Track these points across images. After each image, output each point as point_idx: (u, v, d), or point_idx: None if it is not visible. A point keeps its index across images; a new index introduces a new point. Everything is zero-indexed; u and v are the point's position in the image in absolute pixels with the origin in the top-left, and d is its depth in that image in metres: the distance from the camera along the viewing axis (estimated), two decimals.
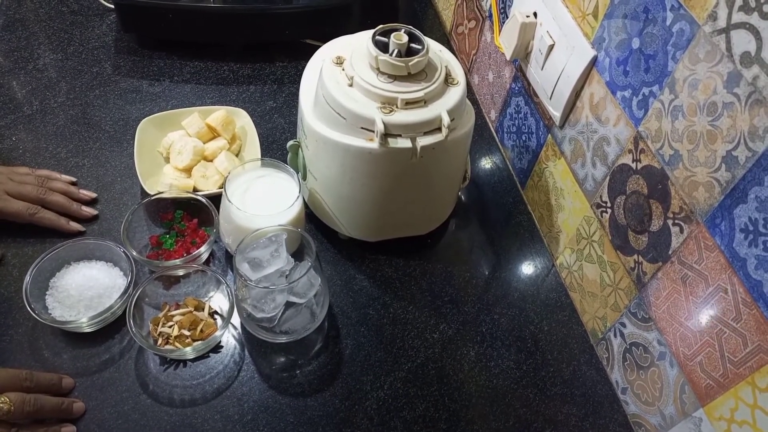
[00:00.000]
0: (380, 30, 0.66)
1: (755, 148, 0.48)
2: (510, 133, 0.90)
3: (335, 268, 0.78)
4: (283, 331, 0.66)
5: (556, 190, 0.79)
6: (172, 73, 0.97)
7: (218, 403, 0.65)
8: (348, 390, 0.68)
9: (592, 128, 0.69)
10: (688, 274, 0.58)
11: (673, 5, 0.55)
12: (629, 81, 0.62)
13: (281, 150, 0.87)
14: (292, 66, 1.01)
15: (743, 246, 0.51)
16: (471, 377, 0.71)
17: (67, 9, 1.04)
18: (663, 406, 0.63)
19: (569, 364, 0.73)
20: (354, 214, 0.75)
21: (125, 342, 0.68)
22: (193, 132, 0.82)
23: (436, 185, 0.75)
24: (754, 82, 0.48)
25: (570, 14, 0.69)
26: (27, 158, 0.82)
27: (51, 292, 0.68)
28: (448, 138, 0.66)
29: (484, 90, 0.97)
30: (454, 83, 0.68)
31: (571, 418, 0.69)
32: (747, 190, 0.50)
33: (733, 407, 0.54)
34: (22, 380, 0.59)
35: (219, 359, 0.68)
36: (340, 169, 0.69)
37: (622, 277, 0.68)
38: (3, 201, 0.72)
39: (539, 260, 0.83)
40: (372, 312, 0.74)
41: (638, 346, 0.66)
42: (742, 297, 0.51)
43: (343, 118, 0.65)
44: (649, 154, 0.61)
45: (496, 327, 0.75)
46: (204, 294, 0.72)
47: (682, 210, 0.57)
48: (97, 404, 0.63)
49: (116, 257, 0.71)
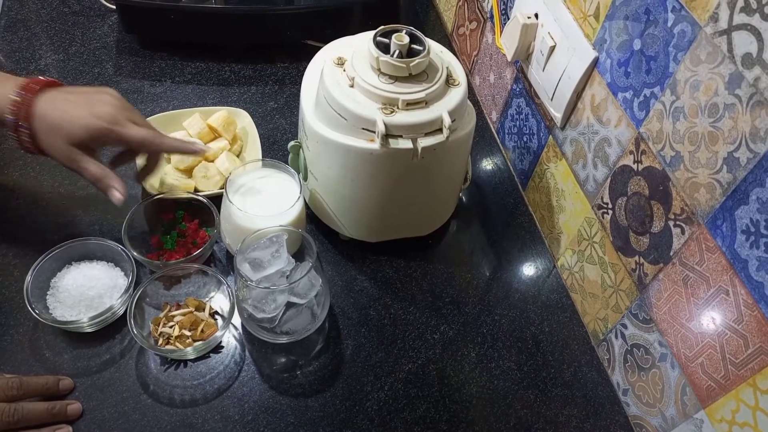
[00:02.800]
0: (381, 31, 0.66)
1: (756, 149, 0.48)
2: (511, 134, 0.90)
3: (336, 269, 0.78)
4: (284, 331, 0.66)
5: (557, 192, 0.79)
6: (174, 74, 0.97)
7: (219, 403, 0.65)
8: (349, 391, 0.68)
9: (593, 129, 0.69)
10: (689, 276, 0.58)
11: (674, 6, 0.55)
12: (630, 82, 0.62)
13: (282, 151, 0.87)
14: (293, 67, 1.01)
15: (744, 247, 0.51)
16: (472, 378, 0.70)
17: (68, 10, 1.04)
18: (664, 407, 0.63)
19: (570, 366, 0.73)
20: (355, 214, 0.75)
21: (126, 342, 0.68)
22: (194, 132, 0.82)
23: (437, 186, 0.75)
24: (755, 83, 0.48)
25: (571, 15, 0.69)
26: (28, 159, 0.82)
27: (52, 292, 0.68)
28: (449, 139, 0.66)
29: (486, 91, 0.97)
30: (455, 84, 0.68)
31: (572, 419, 0.69)
32: (748, 192, 0.49)
33: (734, 409, 0.54)
34: (7, 389, 0.58)
35: (220, 359, 0.68)
36: (341, 169, 0.69)
37: (624, 279, 0.67)
38: None
39: (540, 261, 0.83)
40: (373, 313, 0.74)
41: (639, 348, 0.66)
42: (744, 298, 0.51)
43: (344, 118, 0.65)
44: (650, 155, 0.61)
45: (497, 328, 0.75)
46: (205, 294, 0.72)
47: (684, 211, 0.57)
48: (98, 404, 0.63)
49: (117, 257, 0.71)
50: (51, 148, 0.64)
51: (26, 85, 0.64)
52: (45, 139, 0.64)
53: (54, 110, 0.63)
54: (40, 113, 0.63)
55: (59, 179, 0.80)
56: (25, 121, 0.63)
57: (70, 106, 0.64)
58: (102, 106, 0.65)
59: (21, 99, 0.63)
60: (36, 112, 0.63)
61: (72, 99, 0.65)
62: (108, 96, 0.66)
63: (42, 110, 0.63)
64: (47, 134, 0.64)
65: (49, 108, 0.63)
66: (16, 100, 0.63)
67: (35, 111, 0.63)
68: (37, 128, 0.63)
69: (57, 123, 0.63)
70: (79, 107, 0.64)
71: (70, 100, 0.64)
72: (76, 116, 0.63)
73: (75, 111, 0.63)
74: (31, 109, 0.63)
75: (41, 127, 0.63)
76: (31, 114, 0.63)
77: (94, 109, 0.64)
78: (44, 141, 0.64)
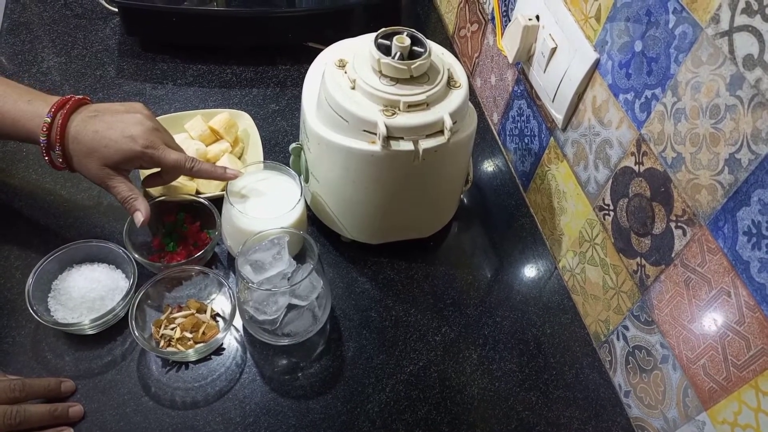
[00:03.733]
0: (383, 33, 0.66)
1: (758, 150, 0.48)
2: (512, 136, 0.90)
3: (337, 271, 0.78)
4: (285, 333, 0.66)
5: (559, 193, 0.79)
6: (176, 76, 0.97)
7: (220, 405, 0.65)
8: (350, 393, 0.68)
9: (594, 131, 0.69)
10: (691, 277, 0.57)
11: (675, 8, 0.55)
12: (632, 84, 0.62)
13: (284, 153, 0.87)
14: (295, 69, 1.01)
15: (746, 249, 0.50)
16: (473, 380, 0.70)
17: (70, 12, 1.04)
18: (666, 409, 0.63)
19: (572, 367, 0.73)
20: (356, 216, 0.75)
21: (127, 344, 0.68)
22: (196, 135, 0.82)
23: (438, 188, 0.75)
24: (756, 84, 0.48)
25: (572, 17, 0.69)
26: (30, 160, 0.82)
27: (53, 295, 0.68)
28: (451, 141, 0.66)
29: (487, 93, 0.97)
30: (456, 86, 0.68)
31: (574, 421, 0.69)
32: (750, 193, 0.49)
33: (736, 411, 0.54)
34: (9, 391, 0.58)
35: (221, 362, 0.68)
36: (342, 171, 0.70)
37: (625, 280, 0.67)
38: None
39: (541, 263, 0.82)
40: (374, 315, 0.74)
41: (641, 350, 0.66)
42: (746, 300, 0.51)
43: (346, 120, 0.65)
44: (651, 156, 0.61)
45: (499, 330, 0.75)
46: (206, 296, 0.72)
47: (685, 213, 0.57)
48: (99, 406, 0.63)
49: (119, 259, 0.71)
50: (84, 169, 0.65)
51: (59, 106, 0.64)
52: (78, 161, 0.65)
53: (87, 132, 0.63)
54: (73, 135, 0.63)
55: (61, 182, 0.81)
56: (58, 143, 0.63)
57: (104, 127, 0.64)
58: (136, 127, 0.65)
59: (53, 121, 0.63)
60: (69, 133, 0.63)
61: (106, 120, 0.64)
62: (140, 116, 0.66)
63: (75, 132, 0.63)
64: (81, 156, 0.64)
65: (81, 130, 0.63)
66: (48, 122, 0.63)
67: (68, 132, 0.63)
68: (71, 150, 0.64)
69: (91, 146, 0.63)
70: (112, 129, 0.64)
71: (104, 121, 0.64)
72: (111, 139, 0.63)
73: (109, 133, 0.64)
74: (64, 131, 0.63)
75: (75, 149, 0.64)
76: (64, 136, 0.63)
77: (128, 131, 0.64)
78: (77, 163, 0.65)
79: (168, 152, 0.67)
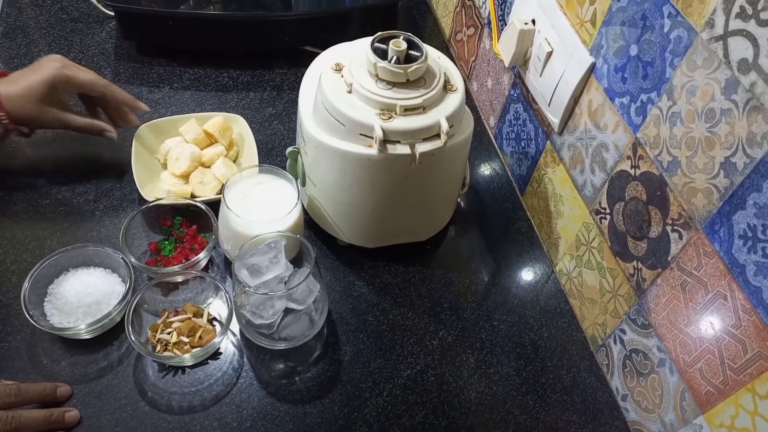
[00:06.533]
0: (379, 37, 0.67)
1: (753, 154, 0.48)
2: (509, 140, 0.90)
3: (334, 275, 0.78)
4: (282, 337, 0.66)
5: (555, 197, 0.79)
6: (172, 80, 0.97)
7: (217, 410, 0.65)
8: (347, 397, 0.68)
9: (590, 135, 0.70)
10: (687, 281, 0.58)
11: (670, 12, 0.55)
12: (627, 88, 0.62)
13: (280, 156, 0.87)
14: (292, 73, 1.01)
15: (742, 252, 0.51)
16: (470, 384, 0.70)
17: (67, 16, 1.04)
18: (663, 413, 0.63)
19: (569, 371, 0.73)
20: (353, 220, 0.75)
21: (123, 349, 0.68)
22: (191, 138, 0.82)
23: (435, 191, 0.75)
24: (751, 88, 0.48)
25: (568, 21, 0.69)
26: (25, 163, 0.82)
27: (49, 299, 0.68)
28: (447, 144, 0.66)
29: (483, 96, 0.97)
30: (452, 90, 0.68)
31: (571, 425, 0.69)
32: (745, 197, 0.50)
33: (733, 414, 0.54)
34: (5, 396, 0.58)
35: (218, 366, 0.68)
36: (339, 175, 0.70)
37: (622, 284, 0.67)
38: None
39: (538, 266, 0.83)
40: (371, 318, 0.74)
41: (638, 353, 0.66)
42: (742, 303, 0.51)
43: (342, 124, 0.65)
44: (647, 160, 0.61)
45: (496, 333, 0.75)
46: (203, 300, 0.72)
47: (681, 216, 0.57)
48: (95, 411, 0.63)
49: (115, 264, 0.71)
50: (28, 114, 0.74)
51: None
52: (18, 110, 0.73)
53: (13, 85, 0.73)
54: (4, 96, 0.72)
55: (57, 186, 0.80)
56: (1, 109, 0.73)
57: (23, 76, 0.74)
58: (49, 63, 0.75)
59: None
60: (1, 97, 0.72)
61: (24, 72, 0.75)
62: (51, 57, 0.76)
63: (5, 93, 0.72)
64: (17, 106, 0.73)
65: (7, 87, 0.73)
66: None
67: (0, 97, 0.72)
68: (9, 109, 0.73)
69: (21, 92, 0.73)
70: (32, 73, 0.74)
71: (22, 73, 0.74)
72: (33, 79, 0.73)
73: (30, 76, 0.74)
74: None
75: (11, 107, 0.73)
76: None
77: (44, 67, 0.74)
78: (18, 112, 0.73)
79: (82, 72, 0.76)
